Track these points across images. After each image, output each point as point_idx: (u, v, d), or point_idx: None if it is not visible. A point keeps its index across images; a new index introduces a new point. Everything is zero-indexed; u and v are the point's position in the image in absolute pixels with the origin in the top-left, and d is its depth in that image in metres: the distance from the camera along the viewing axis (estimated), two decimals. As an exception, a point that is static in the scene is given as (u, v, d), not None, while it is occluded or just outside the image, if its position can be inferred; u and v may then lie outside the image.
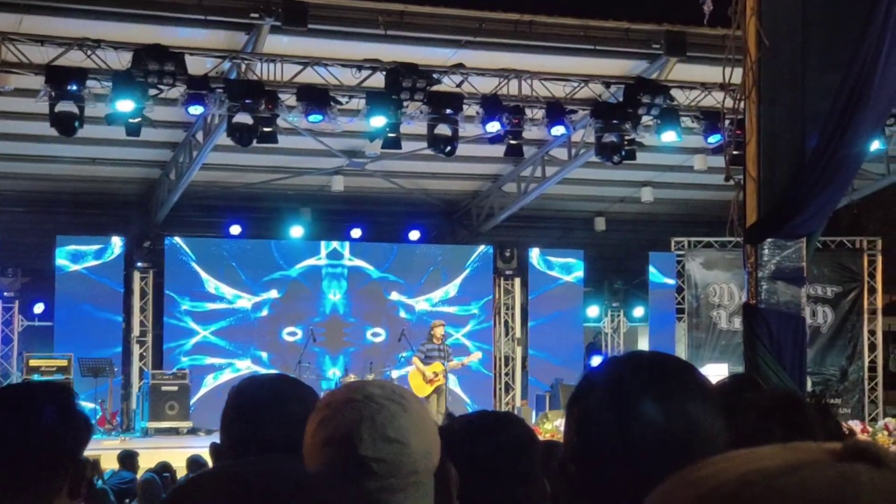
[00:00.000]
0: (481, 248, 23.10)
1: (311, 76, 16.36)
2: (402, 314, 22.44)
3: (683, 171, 21.79)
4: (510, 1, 17.37)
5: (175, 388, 19.77)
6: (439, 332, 19.68)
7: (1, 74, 15.13)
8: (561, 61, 17.79)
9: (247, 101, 16.02)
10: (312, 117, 16.37)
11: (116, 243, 21.11)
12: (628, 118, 17.51)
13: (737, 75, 9.70)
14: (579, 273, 23.43)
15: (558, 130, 17.82)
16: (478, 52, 17.29)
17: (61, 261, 20.66)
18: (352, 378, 18.97)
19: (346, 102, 16.65)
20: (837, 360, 22.99)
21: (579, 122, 18.29)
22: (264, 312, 21.92)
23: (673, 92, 17.67)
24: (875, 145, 18.56)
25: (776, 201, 9.24)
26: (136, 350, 21.21)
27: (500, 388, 22.91)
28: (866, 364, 22.94)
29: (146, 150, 20.09)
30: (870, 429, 19.30)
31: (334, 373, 21.08)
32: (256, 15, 15.86)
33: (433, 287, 22.70)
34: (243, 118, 16.29)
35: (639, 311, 24.17)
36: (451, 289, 22.80)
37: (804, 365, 9.52)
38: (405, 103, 16.50)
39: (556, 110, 17.48)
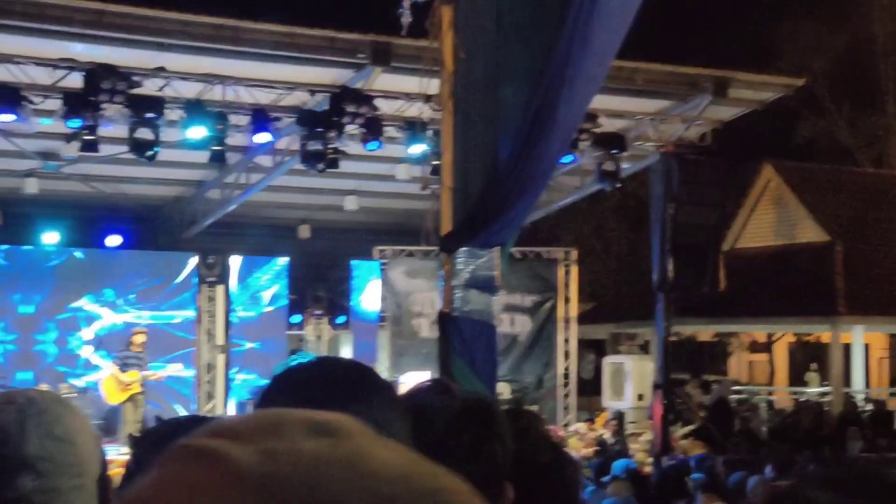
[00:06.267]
0: (189, 255, 22.68)
1: (2, 74, 15.71)
2: (100, 321, 21.81)
3: (387, 180, 22.01)
4: (214, 4, 17.16)
5: None
6: (139, 339, 19.36)
7: None
8: (266, 68, 17.68)
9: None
10: (4, 116, 15.73)
11: None
12: (333, 126, 17.57)
13: (436, 86, 9.88)
14: (283, 280, 23.35)
15: (263, 137, 17.72)
16: (181, 56, 16.97)
17: None
18: (44, 388, 18.32)
19: (41, 103, 16.06)
20: (534, 368, 23.69)
21: (284, 129, 18.23)
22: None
23: (377, 101, 17.84)
24: (568, 158, 19.31)
25: (470, 211, 9.45)
26: None
27: (202, 396, 22.55)
28: (561, 371, 23.75)
29: None
30: (563, 433, 20.00)
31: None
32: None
33: (133, 293, 22.17)
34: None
35: (342, 319, 24.28)
36: (153, 295, 22.32)
37: (496, 371, 9.77)
38: (104, 105, 16.03)
39: (261, 117, 17.38)
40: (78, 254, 22.02)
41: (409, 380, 17.53)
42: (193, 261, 22.66)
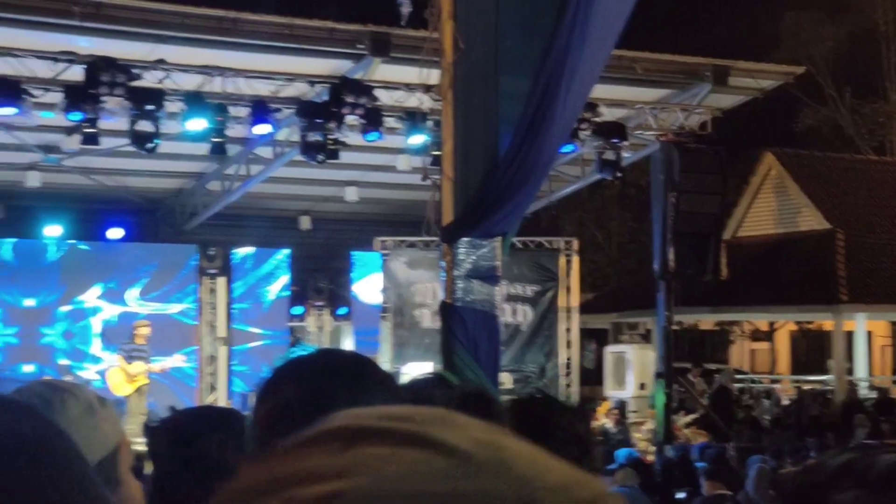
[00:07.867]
0: (190, 247, 22.64)
1: (2, 67, 15.67)
2: (103, 313, 21.79)
3: (387, 170, 21.99)
4: (214, -4, 17.17)
5: None
6: (143, 332, 19.33)
7: None
8: (266, 59, 17.66)
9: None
10: (5, 110, 15.70)
11: None
12: (333, 117, 17.55)
13: (436, 77, 9.86)
14: (285, 272, 23.33)
15: (263, 129, 17.70)
16: (180, 48, 16.96)
17: None
18: (48, 379, 18.35)
19: (42, 96, 16.03)
20: (536, 358, 23.67)
21: (284, 120, 18.22)
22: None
23: (377, 92, 17.81)
24: (569, 148, 19.29)
25: (471, 201, 9.44)
26: None
27: (205, 389, 22.55)
28: (563, 361, 23.73)
29: None
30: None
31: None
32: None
33: (136, 286, 22.14)
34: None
35: (343, 310, 24.27)
36: (155, 288, 22.29)
37: (498, 361, 9.78)
38: (104, 98, 16.01)
39: (261, 108, 17.36)
40: (82, 246, 22.01)
41: (411, 370, 17.54)
42: (195, 253, 22.64)
